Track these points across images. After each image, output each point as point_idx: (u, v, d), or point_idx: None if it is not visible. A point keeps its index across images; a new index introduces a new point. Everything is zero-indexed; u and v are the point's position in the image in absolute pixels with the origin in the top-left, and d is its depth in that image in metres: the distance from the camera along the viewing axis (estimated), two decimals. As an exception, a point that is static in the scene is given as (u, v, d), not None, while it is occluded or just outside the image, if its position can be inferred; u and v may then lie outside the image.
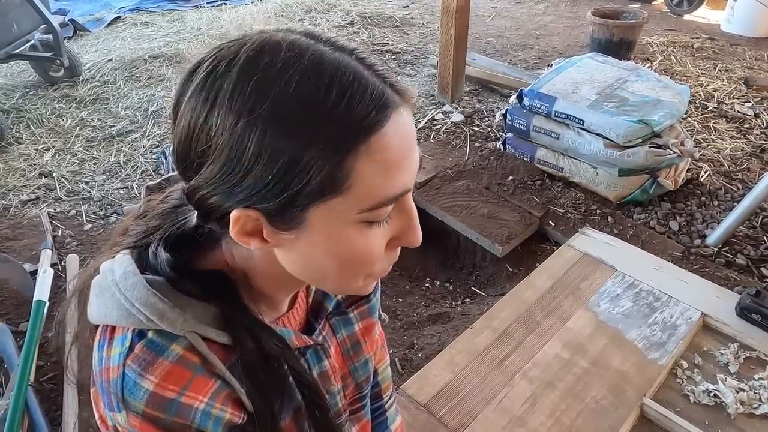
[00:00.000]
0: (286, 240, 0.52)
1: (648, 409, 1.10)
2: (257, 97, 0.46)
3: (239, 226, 0.51)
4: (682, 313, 1.31)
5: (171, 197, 0.62)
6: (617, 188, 2.49)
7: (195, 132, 0.49)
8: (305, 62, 0.47)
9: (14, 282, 2.15)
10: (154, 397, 0.50)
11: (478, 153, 2.91)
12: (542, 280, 1.42)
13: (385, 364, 0.91)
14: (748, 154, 2.90)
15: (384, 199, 0.50)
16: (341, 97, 0.47)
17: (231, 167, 0.48)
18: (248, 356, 0.55)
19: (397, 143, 0.50)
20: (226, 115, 0.47)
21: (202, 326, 0.53)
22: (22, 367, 1.68)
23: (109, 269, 0.56)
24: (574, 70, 2.79)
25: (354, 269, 0.55)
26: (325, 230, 0.51)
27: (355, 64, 0.49)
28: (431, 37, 4.49)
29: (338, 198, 0.49)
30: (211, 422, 0.52)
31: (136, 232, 0.60)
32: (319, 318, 0.70)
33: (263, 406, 0.56)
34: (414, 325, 2.16)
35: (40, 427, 1.58)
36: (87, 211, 2.68)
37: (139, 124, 3.40)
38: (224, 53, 0.49)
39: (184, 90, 0.51)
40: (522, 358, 1.21)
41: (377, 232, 0.53)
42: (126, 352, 0.51)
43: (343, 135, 0.47)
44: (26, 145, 3.20)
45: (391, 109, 0.49)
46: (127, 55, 4.24)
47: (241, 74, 0.47)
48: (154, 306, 0.52)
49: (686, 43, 4.28)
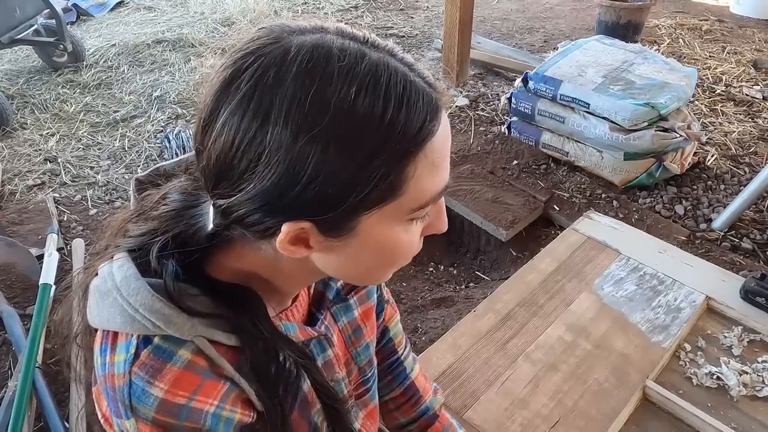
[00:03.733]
0: (334, 246, 0.52)
1: (650, 391, 1.10)
2: (317, 112, 0.45)
3: (289, 237, 0.50)
4: (686, 296, 1.30)
5: (171, 198, 0.60)
6: (623, 172, 2.47)
7: (241, 148, 0.47)
8: (360, 72, 0.46)
9: (21, 266, 2.17)
10: (164, 403, 0.49)
11: (483, 137, 2.89)
12: (546, 263, 1.41)
13: (395, 321, 0.92)
14: (756, 137, 2.87)
15: (432, 197, 0.52)
16: (399, 109, 0.47)
17: (288, 184, 0.46)
18: (257, 358, 0.55)
19: (442, 143, 0.51)
20: (282, 131, 0.45)
21: (209, 330, 0.53)
22: (29, 350, 1.70)
23: (108, 273, 0.54)
24: (580, 52, 2.75)
25: (393, 263, 0.56)
26: (376, 233, 0.51)
27: (403, 68, 0.49)
28: (436, 21, 4.44)
29: (393, 203, 0.49)
30: (222, 424, 0.52)
31: (137, 233, 0.58)
32: (322, 308, 0.70)
33: (272, 405, 0.56)
34: (418, 309, 2.16)
35: (48, 407, 1.60)
36: (92, 196, 2.68)
37: (143, 109, 3.39)
38: (268, 61, 0.47)
39: (221, 101, 0.48)
40: (525, 340, 1.22)
41: (417, 226, 0.55)
42: (131, 359, 0.50)
43: (404, 145, 0.47)
44: (31, 130, 3.21)
45: (440, 112, 0.50)
46: (131, 40, 4.22)
47: (296, 86, 0.45)
48: (159, 312, 0.51)
49: (694, 26, 4.22)
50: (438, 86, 0.51)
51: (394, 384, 0.91)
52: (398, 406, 0.92)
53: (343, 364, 0.73)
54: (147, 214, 0.59)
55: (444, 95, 0.52)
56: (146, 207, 0.60)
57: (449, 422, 0.95)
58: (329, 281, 0.72)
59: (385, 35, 4.21)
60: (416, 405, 0.92)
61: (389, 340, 0.90)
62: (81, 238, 2.34)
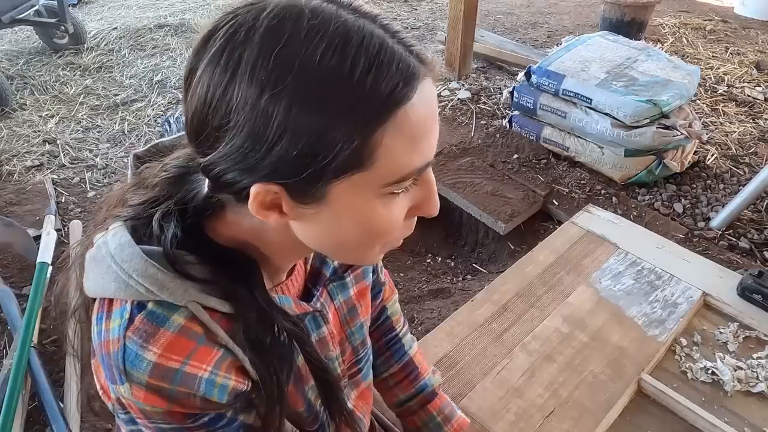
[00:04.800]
0: (306, 214, 0.51)
1: (645, 384, 1.10)
2: (282, 69, 0.44)
3: (259, 200, 0.49)
4: (683, 291, 1.30)
5: (171, 165, 0.60)
6: (623, 169, 2.47)
7: (213, 104, 0.47)
8: (330, 31, 0.45)
9: (18, 246, 2.16)
10: (157, 368, 0.49)
11: (484, 130, 2.89)
12: (544, 255, 1.41)
13: (393, 300, 0.93)
14: (756, 138, 2.88)
15: (408, 173, 0.50)
16: (368, 70, 0.45)
17: (253, 142, 0.46)
18: (251, 327, 0.55)
19: (422, 115, 0.48)
20: (248, 88, 0.45)
21: (203, 296, 0.53)
22: (25, 329, 1.70)
23: (103, 242, 0.54)
24: (583, 48, 2.75)
25: (373, 240, 0.54)
26: (348, 204, 0.50)
27: (380, 32, 0.47)
28: (440, 13, 4.43)
29: (363, 172, 0.48)
30: (216, 390, 0.52)
31: (137, 203, 0.58)
32: (318, 285, 0.70)
33: (267, 374, 0.56)
34: (415, 299, 2.17)
35: (42, 387, 1.60)
36: (91, 179, 2.68)
37: (143, 93, 3.38)
38: (242, 19, 0.46)
39: (199, 58, 0.48)
40: (522, 331, 1.22)
41: (398, 203, 0.52)
42: (126, 324, 0.51)
43: (371, 110, 0.45)
44: (30, 111, 3.19)
45: (417, 80, 0.47)
46: (133, 23, 4.20)
47: (263, 43, 0.45)
48: (153, 277, 0.51)
49: (698, 25, 4.22)
50: (425, 57, 0.49)
51: (393, 360, 0.92)
52: (397, 382, 0.92)
53: (337, 343, 0.73)
54: (147, 183, 0.59)
55: (431, 68, 0.49)
56: (146, 177, 0.60)
57: (448, 401, 0.96)
58: (326, 258, 0.72)
59: (389, 26, 4.19)
60: (415, 381, 0.93)
61: (387, 318, 0.92)
62: (79, 220, 2.34)
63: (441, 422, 0.93)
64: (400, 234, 0.57)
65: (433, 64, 0.50)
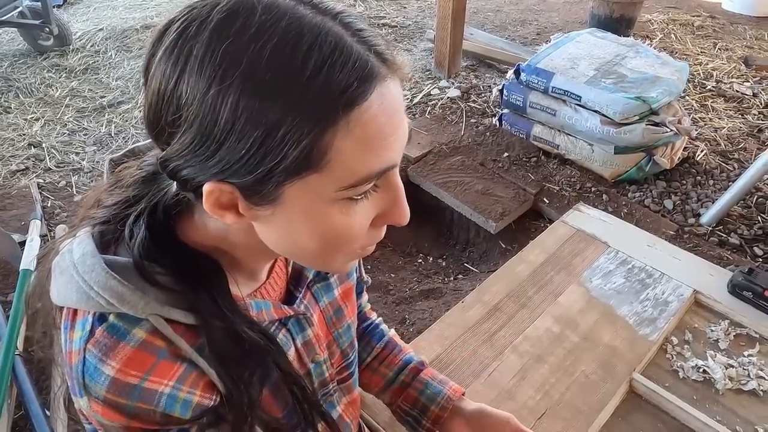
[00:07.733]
0: (262, 215, 0.50)
1: (637, 384, 1.10)
2: (228, 65, 0.43)
3: (213, 199, 0.48)
4: (674, 290, 1.30)
5: (147, 162, 0.58)
6: (613, 166, 2.47)
7: (165, 98, 0.46)
8: (282, 27, 0.43)
9: (2, 252, 2.13)
10: (115, 383, 0.48)
11: (474, 129, 2.88)
12: (535, 255, 1.40)
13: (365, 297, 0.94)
14: (745, 133, 2.89)
15: (365, 177, 0.47)
16: (320, 67, 0.43)
17: (203, 139, 0.45)
18: (216, 338, 0.53)
19: (381, 118, 0.46)
20: (196, 82, 0.44)
21: (165, 308, 0.51)
22: (9, 336, 1.67)
23: (68, 249, 0.53)
24: (572, 45, 2.75)
25: (334, 247, 0.52)
26: (303, 207, 0.48)
27: (338, 29, 0.45)
28: (429, 11, 4.42)
29: (316, 174, 0.46)
30: (178, 405, 0.51)
31: (111, 203, 0.56)
32: (300, 286, 0.68)
33: (236, 388, 0.54)
34: (406, 300, 2.16)
35: (28, 395, 1.58)
36: (77, 182, 2.65)
37: (130, 95, 3.35)
38: (196, 13, 0.45)
39: (154, 51, 0.47)
40: (513, 332, 1.21)
41: (358, 210, 0.50)
42: (86, 336, 0.49)
43: (321, 108, 0.43)
44: (15, 114, 3.15)
45: (375, 80, 0.45)
46: (119, 24, 4.16)
47: (212, 38, 0.44)
48: (113, 289, 0.49)
49: (686, 21, 4.23)
50: (388, 58, 0.47)
51: (374, 342, 0.91)
52: (382, 360, 0.90)
53: (324, 346, 0.71)
54: (122, 183, 0.58)
55: (394, 69, 0.48)
56: (123, 176, 0.58)
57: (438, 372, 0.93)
58: None
59: (377, 25, 4.18)
60: (400, 354, 0.91)
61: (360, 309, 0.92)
62: (65, 225, 2.31)
63: (438, 385, 0.88)
64: (366, 242, 0.55)
65: (398, 65, 0.48)
